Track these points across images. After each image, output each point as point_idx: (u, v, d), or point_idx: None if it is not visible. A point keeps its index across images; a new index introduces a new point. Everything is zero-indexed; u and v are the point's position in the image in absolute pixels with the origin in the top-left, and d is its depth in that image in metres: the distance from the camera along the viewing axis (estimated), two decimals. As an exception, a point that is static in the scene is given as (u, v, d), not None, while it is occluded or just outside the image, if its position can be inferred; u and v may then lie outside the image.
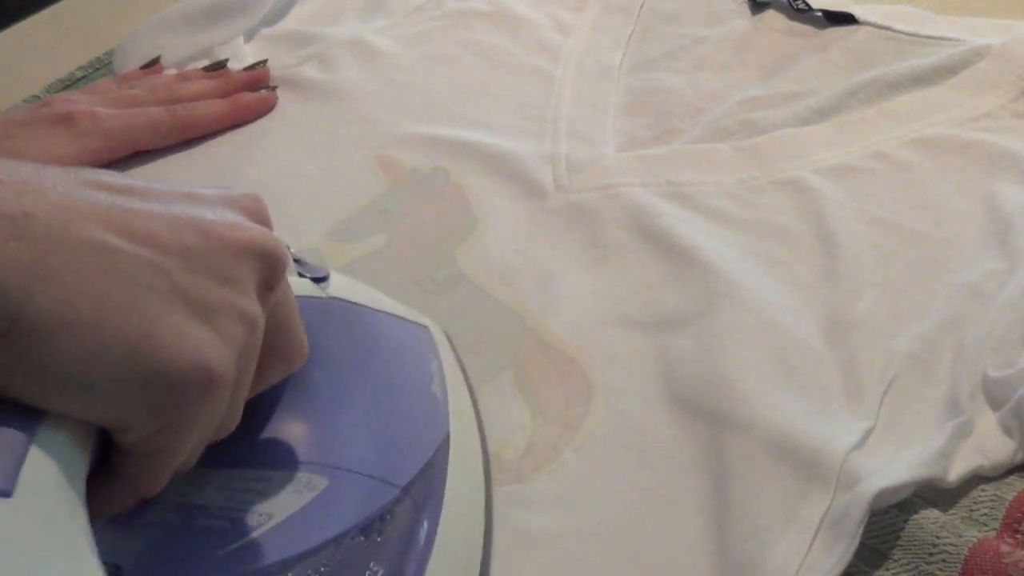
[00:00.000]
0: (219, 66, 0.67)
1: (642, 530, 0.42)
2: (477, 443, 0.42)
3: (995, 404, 0.44)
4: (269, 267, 0.31)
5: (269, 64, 0.68)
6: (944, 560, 0.39)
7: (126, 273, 0.27)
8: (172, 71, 0.68)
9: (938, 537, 0.40)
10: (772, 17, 0.68)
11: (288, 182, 0.60)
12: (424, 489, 0.37)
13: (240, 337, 0.29)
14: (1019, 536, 0.40)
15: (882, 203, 0.54)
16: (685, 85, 0.64)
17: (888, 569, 0.40)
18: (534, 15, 0.71)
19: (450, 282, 0.53)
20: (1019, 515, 0.41)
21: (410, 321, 0.43)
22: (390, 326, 0.42)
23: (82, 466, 0.27)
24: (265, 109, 0.65)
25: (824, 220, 0.53)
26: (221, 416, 0.30)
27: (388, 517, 0.35)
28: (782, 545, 0.40)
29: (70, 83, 0.71)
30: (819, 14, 0.66)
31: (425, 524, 0.37)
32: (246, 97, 0.65)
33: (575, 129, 0.61)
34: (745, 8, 0.69)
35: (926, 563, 0.40)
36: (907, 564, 0.40)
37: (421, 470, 0.37)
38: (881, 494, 0.40)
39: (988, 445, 0.43)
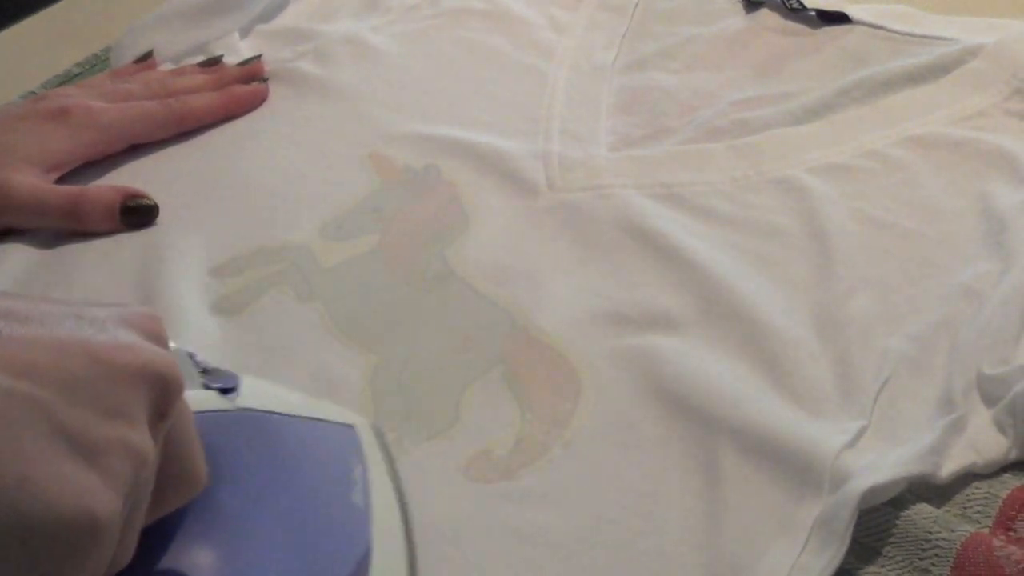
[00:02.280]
0: (214, 61, 0.68)
1: (631, 527, 0.42)
2: (402, 553, 0.40)
3: (989, 401, 0.44)
4: (162, 393, 0.29)
5: (264, 60, 0.68)
6: (937, 555, 0.39)
7: (2, 412, 0.25)
8: (168, 66, 0.68)
9: (931, 532, 0.40)
10: (766, 16, 0.68)
11: (281, 178, 0.60)
12: None
13: (128, 475, 0.27)
14: (1012, 534, 0.40)
15: (875, 202, 0.54)
16: (678, 84, 0.64)
17: (882, 566, 0.40)
18: (529, 13, 0.71)
19: (441, 280, 0.53)
20: (1012, 513, 0.41)
21: (333, 423, 0.41)
22: (308, 432, 0.39)
23: None
24: (258, 102, 0.65)
25: (817, 219, 0.53)
26: (109, 558, 0.28)
27: None
28: (774, 547, 0.40)
29: (67, 80, 0.71)
30: (813, 13, 0.66)
31: None
32: (239, 90, 0.65)
33: (568, 128, 0.61)
34: (739, 7, 0.69)
35: (919, 559, 0.40)
36: (901, 560, 0.40)
37: None
38: (870, 491, 0.40)
39: (982, 442, 0.43)
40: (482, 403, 0.47)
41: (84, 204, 0.56)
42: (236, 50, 0.69)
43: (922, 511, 0.41)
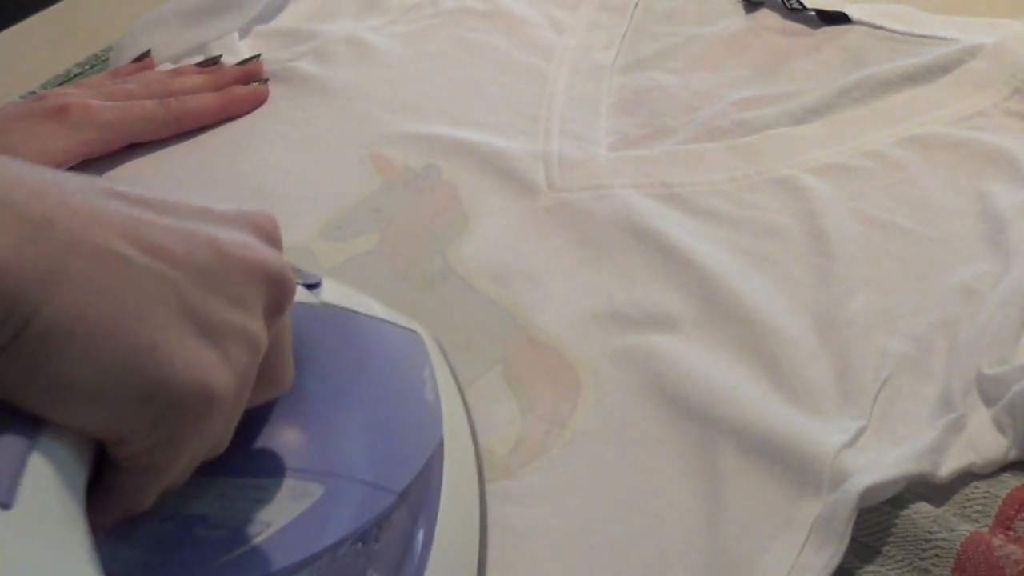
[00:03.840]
0: (213, 62, 0.68)
1: (631, 527, 0.42)
2: (470, 447, 0.42)
3: (988, 401, 0.44)
4: (278, 292, 0.31)
5: (264, 60, 0.68)
6: (937, 555, 0.39)
7: (139, 284, 0.27)
8: (167, 66, 0.68)
9: (931, 532, 0.40)
10: (766, 16, 0.68)
11: (281, 178, 0.60)
12: (419, 495, 0.37)
13: (243, 360, 0.29)
14: (1011, 533, 0.40)
15: (875, 202, 0.54)
16: (678, 84, 0.64)
17: (882, 565, 0.40)
18: (529, 14, 0.71)
19: (441, 279, 0.53)
20: (1012, 512, 0.41)
21: (401, 327, 0.43)
22: (382, 332, 0.42)
23: (81, 478, 0.27)
24: (258, 102, 0.66)
25: (817, 219, 0.53)
26: (218, 435, 0.30)
27: (384, 524, 0.35)
28: (774, 546, 0.40)
29: (67, 79, 0.71)
30: (813, 13, 0.67)
31: (421, 530, 0.36)
32: (239, 90, 0.65)
33: (568, 128, 0.61)
34: (739, 7, 0.69)
35: (919, 558, 0.40)
36: (901, 560, 0.40)
37: (416, 476, 0.37)
38: (870, 490, 0.40)
39: (981, 442, 0.43)
40: (482, 402, 0.47)
41: None
42: (235, 50, 0.69)
43: (922, 510, 0.41)
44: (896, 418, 0.44)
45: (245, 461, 0.34)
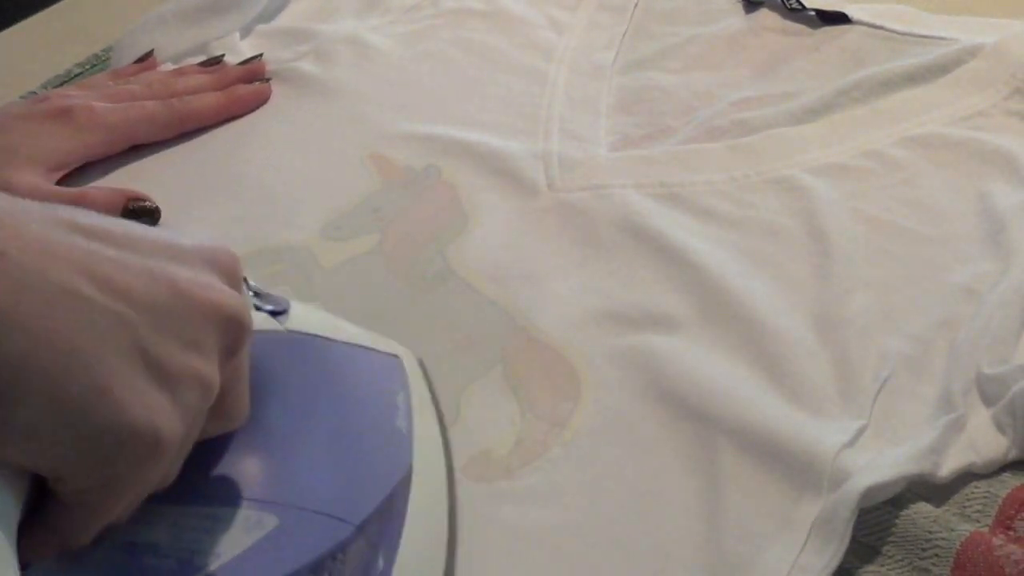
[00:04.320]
0: (215, 61, 0.68)
1: (631, 527, 0.42)
2: (442, 478, 0.41)
3: (988, 401, 0.44)
4: (235, 333, 0.30)
5: (265, 60, 0.68)
6: (937, 555, 0.39)
7: (94, 325, 0.26)
8: (168, 66, 0.68)
9: (931, 532, 0.40)
10: (766, 16, 0.68)
11: (282, 178, 0.60)
12: (380, 527, 0.36)
13: (193, 404, 0.29)
14: (1011, 533, 0.40)
15: (875, 202, 0.54)
16: (678, 84, 0.64)
17: (882, 565, 0.40)
18: (529, 14, 0.71)
19: (441, 280, 0.53)
20: (1012, 512, 0.41)
21: (378, 351, 0.42)
22: (354, 358, 0.41)
23: (14, 510, 0.27)
24: (260, 101, 0.66)
25: (816, 219, 0.53)
26: (160, 476, 0.30)
27: (340, 556, 0.34)
28: (774, 546, 0.40)
29: (67, 80, 0.71)
30: (812, 13, 0.67)
31: (380, 563, 0.36)
32: (241, 89, 0.65)
33: (567, 128, 0.61)
34: (739, 7, 0.69)
35: (919, 558, 0.40)
36: (901, 560, 0.40)
37: (378, 507, 0.36)
38: (870, 490, 0.40)
39: (981, 442, 0.43)
40: (482, 403, 0.47)
41: (86, 206, 0.56)
42: (237, 50, 0.69)
43: (922, 510, 0.41)
44: (896, 418, 0.44)
45: (198, 489, 0.34)
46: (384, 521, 0.36)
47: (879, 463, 0.41)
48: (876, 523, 0.41)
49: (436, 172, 0.59)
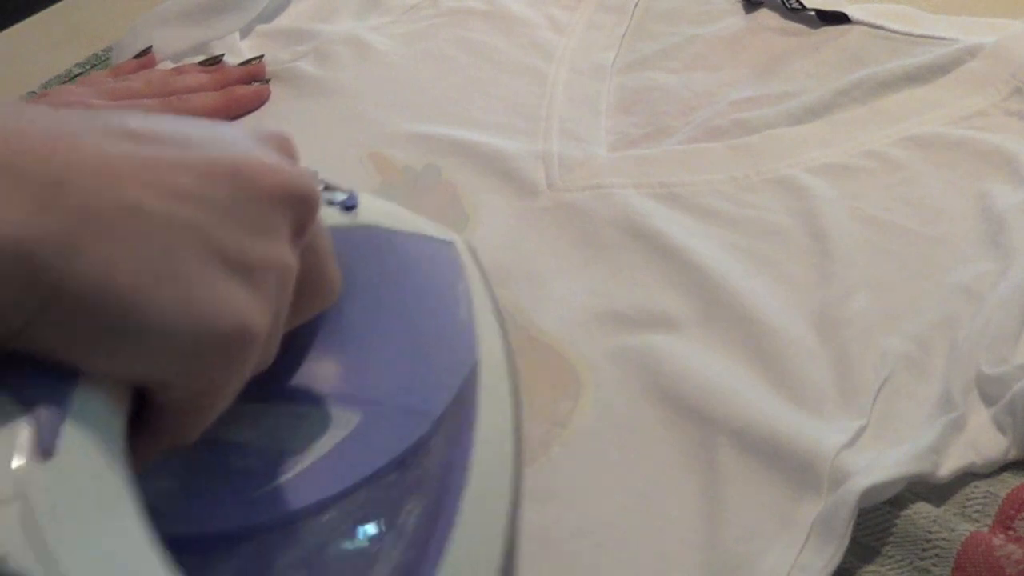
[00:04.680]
0: (215, 61, 0.68)
1: (631, 527, 0.42)
2: (505, 369, 0.40)
3: (989, 401, 0.44)
4: (303, 211, 0.30)
5: (265, 60, 0.68)
6: (937, 555, 0.39)
7: (163, 236, 0.26)
8: (168, 65, 0.68)
9: (931, 532, 0.40)
10: (765, 16, 0.68)
11: (281, 179, 0.60)
12: (456, 420, 0.36)
13: (275, 290, 0.29)
14: (1011, 532, 0.40)
15: (874, 201, 0.54)
16: (678, 84, 0.64)
17: (882, 565, 0.40)
18: (529, 14, 0.71)
19: (441, 279, 0.53)
20: (1012, 512, 0.41)
21: (437, 239, 0.41)
22: (418, 248, 0.40)
23: (120, 420, 0.27)
24: (259, 102, 0.66)
25: (816, 219, 0.53)
26: (255, 364, 0.30)
27: (422, 451, 0.34)
28: (774, 546, 0.40)
29: (68, 79, 0.71)
30: (812, 13, 0.67)
31: (458, 457, 0.35)
32: (240, 90, 0.65)
33: (567, 128, 0.61)
34: (739, 7, 0.69)
35: (919, 558, 0.40)
36: (901, 560, 0.40)
37: (452, 400, 0.36)
38: (869, 491, 0.40)
39: (981, 441, 0.43)
40: (482, 403, 0.47)
41: None
42: (236, 50, 0.69)
43: (922, 510, 0.41)
44: (896, 418, 0.44)
45: (283, 388, 0.34)
46: (458, 415, 0.36)
47: (879, 463, 0.41)
48: (876, 523, 0.41)
49: (436, 172, 0.59)
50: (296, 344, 0.34)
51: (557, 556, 0.41)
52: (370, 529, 0.32)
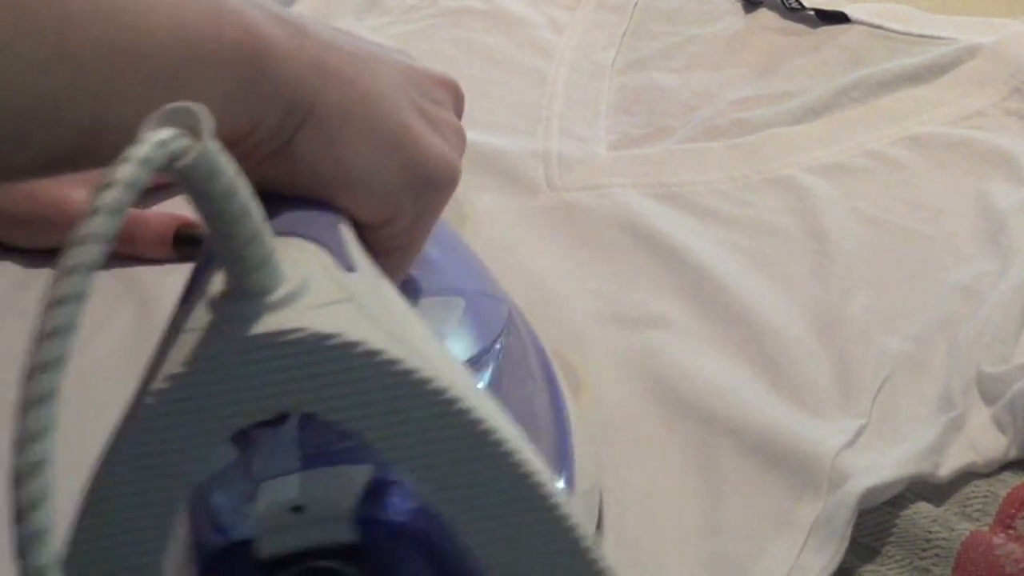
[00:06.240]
0: None
1: (630, 527, 0.42)
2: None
3: (989, 400, 0.44)
4: (459, 98, 0.36)
5: None
6: (937, 555, 0.39)
7: (381, 77, 0.31)
8: None
9: (931, 532, 0.40)
10: (765, 16, 0.68)
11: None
12: (514, 314, 0.42)
13: (459, 147, 0.34)
14: (1011, 532, 0.40)
15: (874, 201, 0.54)
16: (678, 84, 0.64)
17: (882, 565, 0.40)
18: (529, 13, 0.71)
19: (441, 279, 0.53)
20: (1012, 511, 0.41)
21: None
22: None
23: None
24: None
25: (816, 218, 0.53)
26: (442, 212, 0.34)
27: (513, 322, 0.41)
28: (774, 546, 0.40)
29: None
30: (812, 13, 0.67)
31: (528, 328, 0.43)
32: None
33: (567, 127, 0.61)
34: (738, 7, 0.69)
35: (919, 558, 0.40)
36: (901, 560, 0.40)
37: (506, 298, 0.43)
38: (869, 492, 0.40)
39: (981, 441, 0.43)
40: (482, 403, 0.47)
41: (139, 228, 0.54)
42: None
43: (922, 510, 0.41)
44: (896, 417, 0.44)
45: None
46: (515, 312, 0.43)
47: (879, 464, 0.41)
48: (876, 523, 0.41)
49: (435, 172, 0.59)
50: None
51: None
52: (519, 375, 0.40)
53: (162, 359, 0.26)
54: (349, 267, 0.27)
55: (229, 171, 0.23)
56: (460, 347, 0.38)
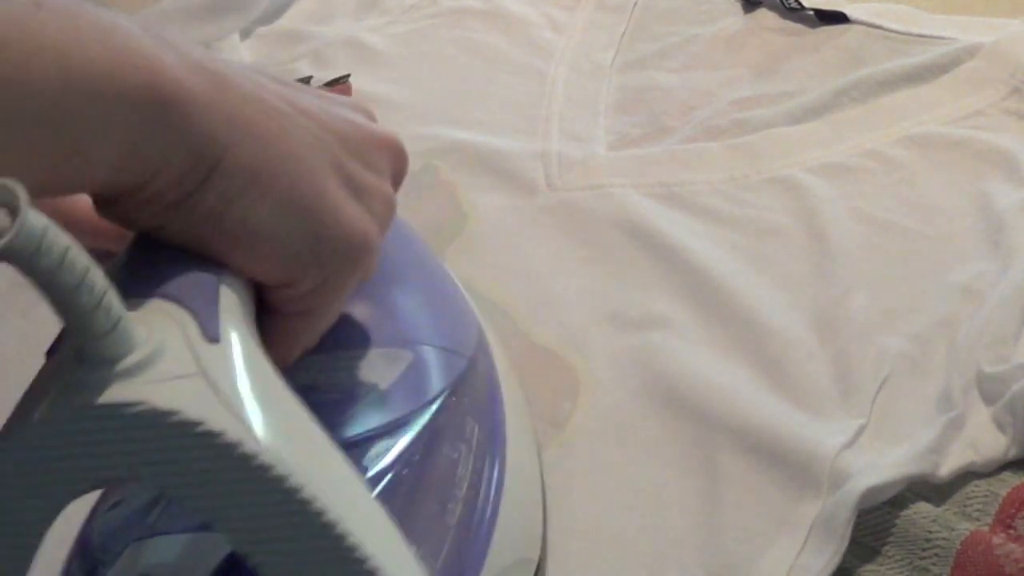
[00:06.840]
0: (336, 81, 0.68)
1: (629, 527, 0.42)
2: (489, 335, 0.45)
3: (989, 400, 0.44)
4: (400, 162, 0.35)
5: (263, 63, 0.68)
6: (937, 555, 0.39)
7: (302, 137, 0.30)
8: None
9: (930, 532, 0.40)
10: (764, 16, 0.68)
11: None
12: (483, 359, 0.41)
13: (384, 217, 0.33)
14: (1011, 531, 0.40)
15: (874, 201, 0.54)
16: (677, 83, 0.64)
17: (882, 565, 0.40)
18: (528, 13, 0.71)
19: (440, 279, 0.53)
20: (1012, 511, 0.41)
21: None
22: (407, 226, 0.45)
23: (252, 317, 0.30)
24: None
25: (815, 218, 0.53)
26: (359, 281, 0.33)
27: (465, 383, 0.39)
28: (773, 546, 0.40)
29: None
30: (811, 13, 0.66)
31: (490, 387, 0.41)
32: None
33: (567, 127, 0.61)
34: (738, 7, 0.69)
35: (919, 558, 0.40)
36: (900, 559, 0.40)
37: (476, 343, 0.41)
38: (869, 492, 0.40)
39: (981, 441, 0.43)
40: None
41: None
42: (237, 51, 0.69)
43: (921, 510, 0.41)
44: (896, 417, 0.44)
45: (336, 338, 0.36)
46: (483, 356, 0.42)
47: (879, 464, 0.41)
48: (876, 523, 0.41)
49: (435, 172, 0.59)
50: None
51: (557, 556, 0.41)
52: (448, 440, 0.37)
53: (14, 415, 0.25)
54: (213, 336, 0.27)
55: (59, 244, 0.22)
56: (390, 404, 0.36)
